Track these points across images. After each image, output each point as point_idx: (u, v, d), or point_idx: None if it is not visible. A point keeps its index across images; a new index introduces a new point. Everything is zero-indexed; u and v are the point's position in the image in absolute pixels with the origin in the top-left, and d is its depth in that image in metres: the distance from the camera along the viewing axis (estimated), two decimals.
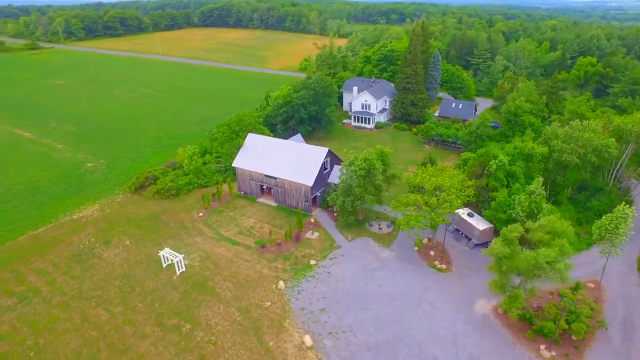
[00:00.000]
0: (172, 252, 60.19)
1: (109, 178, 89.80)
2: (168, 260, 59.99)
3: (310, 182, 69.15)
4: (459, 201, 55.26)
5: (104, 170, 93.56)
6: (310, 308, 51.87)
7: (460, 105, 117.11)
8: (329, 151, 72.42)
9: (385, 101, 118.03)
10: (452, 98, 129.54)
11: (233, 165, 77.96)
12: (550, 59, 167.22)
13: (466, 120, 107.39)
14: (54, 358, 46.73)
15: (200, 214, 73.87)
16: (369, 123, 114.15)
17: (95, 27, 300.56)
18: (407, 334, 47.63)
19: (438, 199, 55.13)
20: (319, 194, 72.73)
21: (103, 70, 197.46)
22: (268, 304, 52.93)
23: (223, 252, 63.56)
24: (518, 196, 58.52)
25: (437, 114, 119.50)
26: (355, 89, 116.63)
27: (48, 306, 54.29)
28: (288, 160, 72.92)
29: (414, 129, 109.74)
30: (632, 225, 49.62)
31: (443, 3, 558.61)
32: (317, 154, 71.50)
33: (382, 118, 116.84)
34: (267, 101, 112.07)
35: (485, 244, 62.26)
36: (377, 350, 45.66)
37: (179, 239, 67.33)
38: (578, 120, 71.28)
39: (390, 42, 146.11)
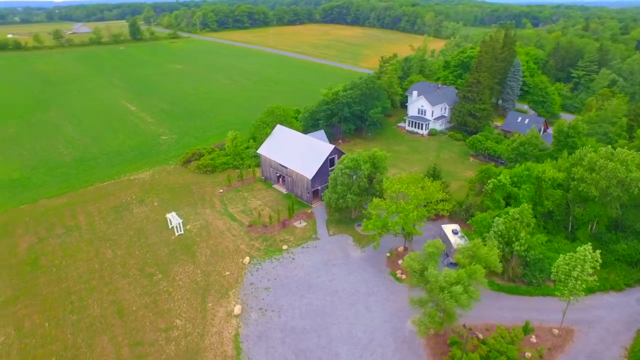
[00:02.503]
0: (176, 216, 70.42)
1: (171, 150, 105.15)
2: (172, 223, 70.34)
3: (310, 175, 73.33)
4: (416, 213, 53.99)
5: (171, 144, 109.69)
6: (258, 284, 57.01)
7: (527, 120, 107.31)
8: (335, 148, 75.37)
9: (444, 108, 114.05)
10: (520, 112, 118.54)
11: (258, 151, 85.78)
12: None
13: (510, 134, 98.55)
14: (64, 276, 60.04)
15: (221, 190, 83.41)
16: (422, 129, 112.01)
17: (226, 20, 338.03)
18: (326, 327, 49.81)
19: (397, 206, 54.87)
20: (320, 188, 76.34)
21: (216, 58, 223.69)
22: (227, 273, 59.54)
23: (219, 224, 71.86)
24: (497, 218, 54.94)
25: (500, 127, 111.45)
26: (414, 93, 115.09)
27: (79, 240, 68.81)
28: (299, 153, 77.99)
29: (467, 140, 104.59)
30: (590, 271, 43.42)
31: (597, 5, 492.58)
32: (323, 150, 75.11)
33: (438, 125, 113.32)
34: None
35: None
36: (290, 333, 48.99)
37: (193, 207, 77.71)
38: (610, 147, 62.11)
39: (471, 48, 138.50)
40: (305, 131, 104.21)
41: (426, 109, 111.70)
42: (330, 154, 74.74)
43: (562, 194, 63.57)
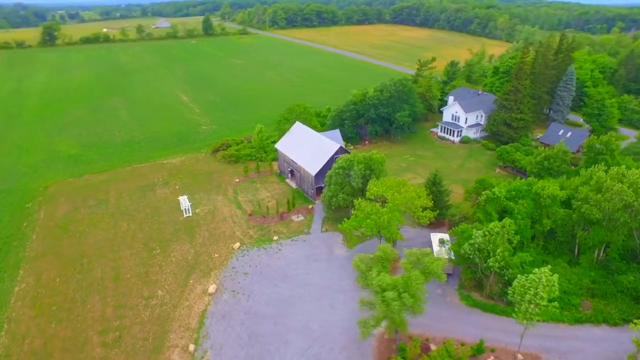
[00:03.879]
0: (186, 199, 76.42)
1: (207, 140, 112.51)
2: (182, 206, 76.40)
3: (314, 171, 75.57)
4: (387, 217, 53.85)
5: (208, 133, 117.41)
6: (239, 269, 60.67)
7: (570, 134, 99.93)
8: (341, 147, 76.72)
9: (480, 116, 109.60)
10: (563, 125, 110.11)
11: (275, 146, 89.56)
12: None
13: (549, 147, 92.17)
14: (83, 241, 68.33)
15: (237, 180, 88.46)
16: (454, 135, 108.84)
17: (295, 18, 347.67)
18: (286, 316, 52.04)
19: (371, 208, 55.21)
20: (324, 185, 78.02)
21: (275, 55, 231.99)
22: (216, 255, 63.94)
23: (225, 211, 76.70)
24: (476, 231, 53.35)
25: (539, 139, 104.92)
26: (450, 98, 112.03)
27: (104, 212, 77.40)
28: (308, 150, 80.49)
29: (497, 150, 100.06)
30: (544, 295, 40.62)
31: None
32: (329, 148, 76.86)
33: (472, 133, 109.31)
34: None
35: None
36: (251, 316, 51.96)
37: (208, 192, 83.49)
38: (624, 167, 56.86)
39: (523, 54, 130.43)
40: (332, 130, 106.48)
41: (460, 115, 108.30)
42: (336, 153, 76.19)
43: (565, 214, 59.54)
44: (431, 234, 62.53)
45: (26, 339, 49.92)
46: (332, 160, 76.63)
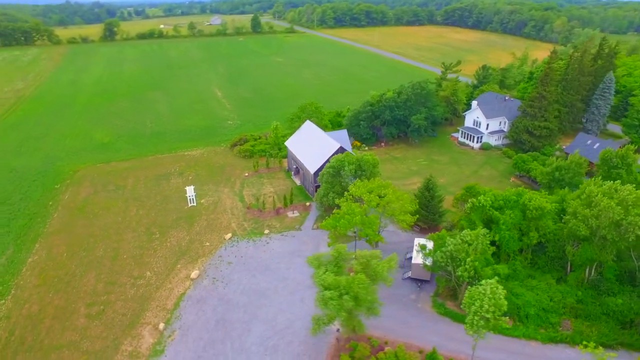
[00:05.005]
0: (192, 190, 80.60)
1: (229, 134, 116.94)
2: (188, 196, 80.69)
3: (313, 169, 77.00)
4: (359, 218, 54.02)
5: (232, 128, 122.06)
6: (224, 258, 63.56)
7: (597, 145, 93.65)
8: (341, 147, 77.36)
9: (503, 123, 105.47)
10: (590, 136, 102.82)
11: (285, 143, 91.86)
12: None
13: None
14: (94, 222, 74.39)
15: (246, 174, 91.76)
16: (474, 141, 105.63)
17: (343, 17, 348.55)
18: (257, 306, 54.08)
19: (347, 208, 55.66)
20: None
21: (316, 54, 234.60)
22: (207, 244, 67.29)
23: (228, 203, 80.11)
24: (449, 238, 52.47)
25: (564, 149, 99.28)
26: (474, 103, 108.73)
27: (119, 197, 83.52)
28: (312, 148, 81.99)
29: (513, 159, 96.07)
30: (489, 308, 39.10)
31: None
32: (330, 147, 77.87)
33: (494, 140, 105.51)
34: None
35: (419, 282, 58.09)
36: (224, 304, 54.52)
37: (216, 184, 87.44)
38: (618, 182, 53.09)
39: (561, 59, 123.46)
40: (349, 130, 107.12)
41: (481, 121, 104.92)
42: (335, 153, 76.95)
43: (557, 228, 56.79)
44: (415, 238, 61.95)
45: (26, 304, 55.71)
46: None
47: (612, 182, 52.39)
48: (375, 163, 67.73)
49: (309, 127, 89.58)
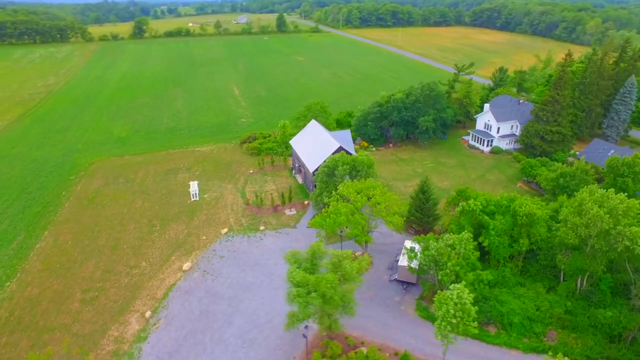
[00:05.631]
0: (195, 185, 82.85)
1: (241, 131, 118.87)
2: (191, 190, 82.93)
3: (312, 168, 77.72)
4: (344, 218, 54.29)
5: (244, 126, 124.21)
6: (218, 252, 65.21)
7: (612, 152, 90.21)
8: (340, 147, 77.70)
9: (515, 126, 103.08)
10: (604, 142, 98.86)
11: (290, 142, 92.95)
12: None
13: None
14: (101, 213, 77.59)
15: (251, 171, 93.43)
16: (484, 145, 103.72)
17: (369, 17, 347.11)
18: (240, 300, 55.34)
19: (334, 208, 56.05)
20: None
21: (338, 54, 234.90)
22: (203, 237, 69.17)
23: (229, 199, 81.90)
24: (432, 242, 52.19)
25: (577, 155, 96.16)
26: (486, 106, 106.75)
27: (127, 189, 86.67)
28: (314, 147, 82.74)
29: (521, 163, 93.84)
30: (455, 312, 38.67)
31: None
32: (329, 147, 78.39)
33: (505, 144, 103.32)
34: None
35: (405, 284, 57.89)
36: (210, 296, 56.05)
37: (220, 180, 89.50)
38: (612, 190, 51.23)
39: (580, 62, 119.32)
40: (357, 131, 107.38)
41: (492, 124, 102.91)
42: (335, 152, 77.38)
43: (550, 236, 55.44)
44: (406, 240, 61.74)
45: (28, 287, 58.96)
46: None
47: (605, 190, 50.64)
48: (370, 164, 67.80)
49: (313, 127, 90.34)
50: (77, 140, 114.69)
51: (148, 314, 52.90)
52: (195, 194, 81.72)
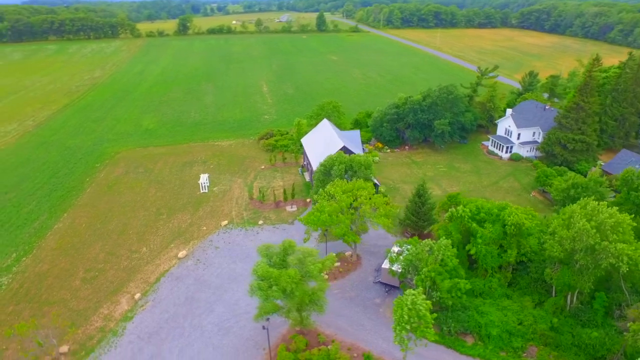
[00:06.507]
0: (205, 178, 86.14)
1: (262, 128, 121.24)
2: (201, 182, 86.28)
3: (315, 166, 78.55)
4: (326, 216, 54.71)
5: (265, 122, 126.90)
6: (214, 243, 67.78)
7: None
8: (344, 147, 78.14)
9: (538, 133, 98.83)
10: (637, 154, 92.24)
11: (301, 140, 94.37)
12: None
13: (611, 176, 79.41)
14: (117, 199, 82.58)
15: (263, 167, 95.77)
16: (503, 151, 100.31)
17: (411, 18, 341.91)
18: (225, 290, 57.40)
19: (318, 206, 56.65)
20: None
21: (373, 54, 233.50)
22: (204, 228, 72.04)
23: (236, 192, 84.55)
24: (410, 246, 51.85)
25: (602, 166, 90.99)
26: (508, 110, 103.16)
27: (144, 179, 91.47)
28: (320, 146, 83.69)
29: (537, 172, 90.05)
30: (414, 322, 38.19)
31: None
32: (334, 146, 79.04)
33: (525, 151, 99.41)
34: None
35: (388, 287, 57.68)
36: (197, 283, 58.54)
37: (231, 174, 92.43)
38: (606, 203, 48.38)
39: (617, 67, 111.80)
40: (373, 131, 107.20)
41: (512, 130, 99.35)
42: (339, 151, 77.95)
43: (540, 248, 53.37)
44: (393, 242, 61.42)
45: (40, 263, 64.09)
46: None
47: (597, 202, 48.17)
48: (367, 165, 67.86)
49: (323, 125, 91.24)
50: (108, 130, 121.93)
51: (137, 296, 56.13)
52: (205, 186, 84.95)
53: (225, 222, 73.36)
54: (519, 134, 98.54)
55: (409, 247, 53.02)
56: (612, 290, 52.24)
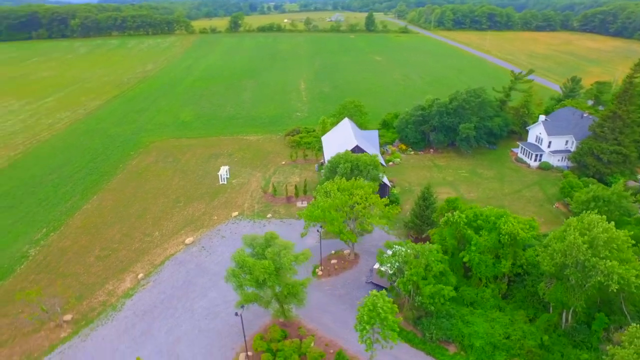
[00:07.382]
0: (225, 170, 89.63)
1: (291, 124, 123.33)
2: (221, 174, 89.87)
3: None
4: (318, 212, 55.29)
5: (297, 119, 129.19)
6: (222, 232, 70.66)
7: None
8: (357, 146, 78.37)
9: (571, 142, 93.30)
10: None
11: (322, 137, 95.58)
12: None
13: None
14: (142, 185, 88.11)
15: (283, 162, 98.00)
16: (532, 159, 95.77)
17: (463, 20, 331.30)
18: (221, 277, 56.98)
19: (314, 203, 57.38)
20: None
21: (417, 55, 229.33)
22: (215, 217, 75.27)
23: (253, 185, 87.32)
24: (397, 247, 51.52)
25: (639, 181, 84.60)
26: (541, 117, 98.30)
27: (171, 167, 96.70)
28: (337, 144, 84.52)
29: (562, 183, 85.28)
30: (374, 323, 37.86)
31: None
32: (348, 144, 79.61)
33: (557, 160, 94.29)
34: None
35: (379, 288, 57.40)
36: (198, 269, 61.51)
37: (252, 168, 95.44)
38: (605, 217, 45.19)
39: None
40: (399, 133, 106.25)
41: (543, 137, 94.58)
42: (352, 150, 78.40)
43: (535, 261, 51.05)
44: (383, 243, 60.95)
45: (64, 239, 70.07)
46: None
47: (593, 218, 45.37)
48: (374, 164, 67.82)
49: (343, 124, 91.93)
50: (148, 121, 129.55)
51: (141, 275, 60.00)
52: (224, 177, 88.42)
53: (236, 213, 76.13)
54: (549, 142, 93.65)
55: (401, 249, 52.68)
56: (614, 312, 49.04)
